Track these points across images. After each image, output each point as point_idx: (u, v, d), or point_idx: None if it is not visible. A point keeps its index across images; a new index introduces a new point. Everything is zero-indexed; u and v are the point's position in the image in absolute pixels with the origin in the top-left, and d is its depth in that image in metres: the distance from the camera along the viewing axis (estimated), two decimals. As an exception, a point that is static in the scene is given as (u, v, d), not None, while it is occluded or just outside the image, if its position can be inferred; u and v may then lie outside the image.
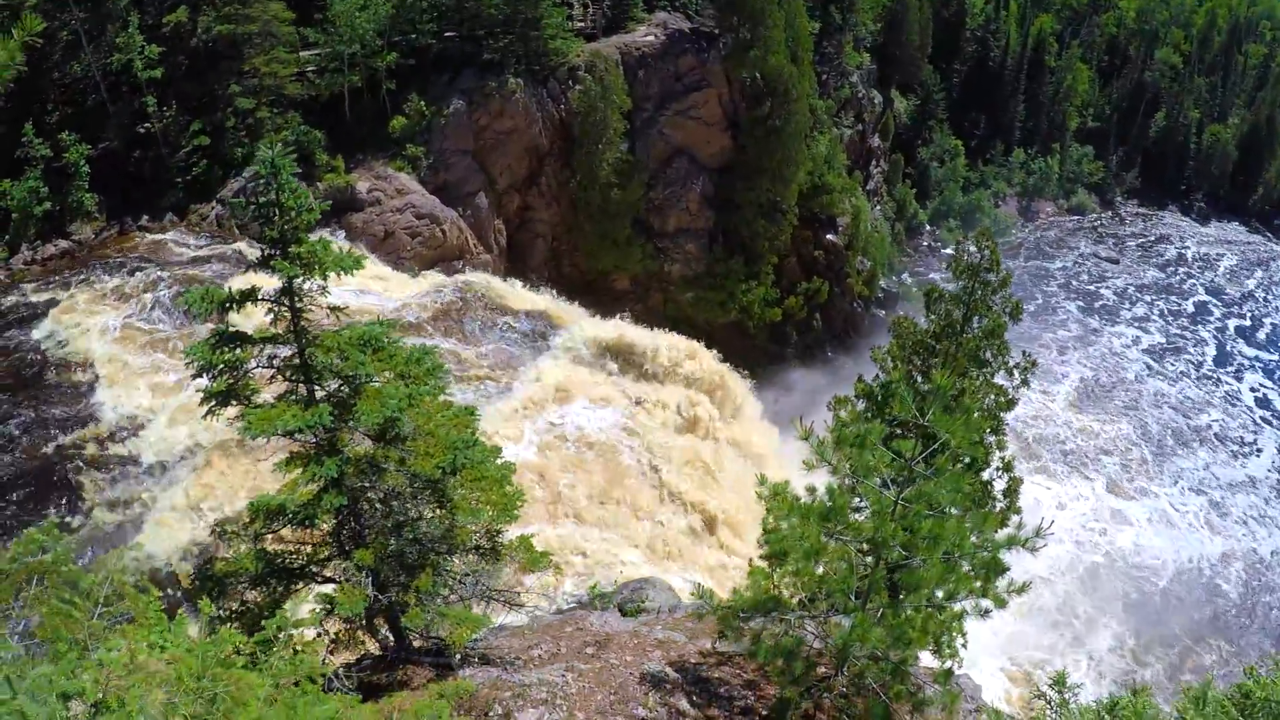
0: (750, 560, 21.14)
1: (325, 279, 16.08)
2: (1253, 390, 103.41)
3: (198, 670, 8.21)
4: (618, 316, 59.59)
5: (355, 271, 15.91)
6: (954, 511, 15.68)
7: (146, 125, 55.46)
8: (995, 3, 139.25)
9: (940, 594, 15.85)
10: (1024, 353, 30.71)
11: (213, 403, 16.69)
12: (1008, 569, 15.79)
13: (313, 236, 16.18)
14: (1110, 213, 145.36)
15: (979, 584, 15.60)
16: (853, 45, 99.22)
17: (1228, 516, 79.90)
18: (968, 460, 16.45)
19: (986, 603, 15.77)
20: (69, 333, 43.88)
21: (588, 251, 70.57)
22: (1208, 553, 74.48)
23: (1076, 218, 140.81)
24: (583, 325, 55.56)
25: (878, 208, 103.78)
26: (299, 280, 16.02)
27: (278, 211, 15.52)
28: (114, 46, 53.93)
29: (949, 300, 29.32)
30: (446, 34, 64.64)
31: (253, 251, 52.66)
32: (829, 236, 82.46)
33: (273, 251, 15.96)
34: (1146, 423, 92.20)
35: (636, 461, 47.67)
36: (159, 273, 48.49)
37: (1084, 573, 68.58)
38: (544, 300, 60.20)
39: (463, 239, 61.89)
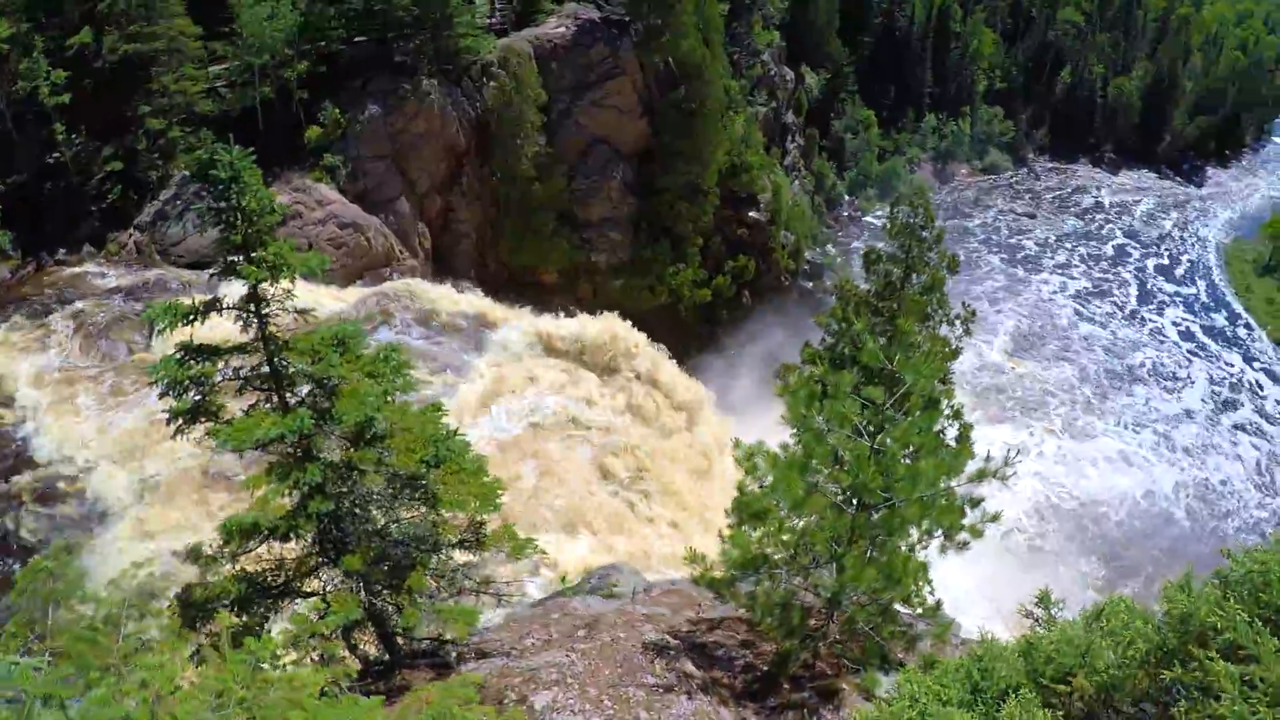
0: (720, 531, 21.17)
1: (293, 282, 15.66)
2: (1175, 324, 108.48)
3: (245, 678, 7.96)
4: (552, 312, 59.55)
5: (320, 271, 15.56)
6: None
7: (56, 154, 53.89)
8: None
9: (919, 531, 16.11)
10: (963, 303, 31.16)
11: (179, 421, 16.12)
12: (982, 500, 16.01)
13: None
14: (1024, 170, 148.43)
15: (956, 517, 15.81)
16: (761, 24, 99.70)
17: (1174, 448, 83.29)
18: (931, 400, 16.59)
19: (964, 535, 15.99)
20: (-7, 377, 42.68)
21: (513, 248, 70.16)
22: (1160, 485, 77.53)
23: (991, 177, 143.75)
24: (520, 323, 55.25)
25: (796, 182, 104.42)
26: (265, 285, 15.55)
27: (240, 216, 15.06)
28: (17, 74, 52.37)
29: (887, 260, 29.66)
30: (356, 39, 63.74)
31: (177, 274, 51.87)
32: (752, 214, 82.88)
33: (236, 257, 15.49)
34: (1084, 365, 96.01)
35: (585, 449, 47.60)
36: (81, 307, 47.31)
37: (1048, 513, 70.61)
38: (474, 300, 59.73)
39: (388, 245, 61.21)
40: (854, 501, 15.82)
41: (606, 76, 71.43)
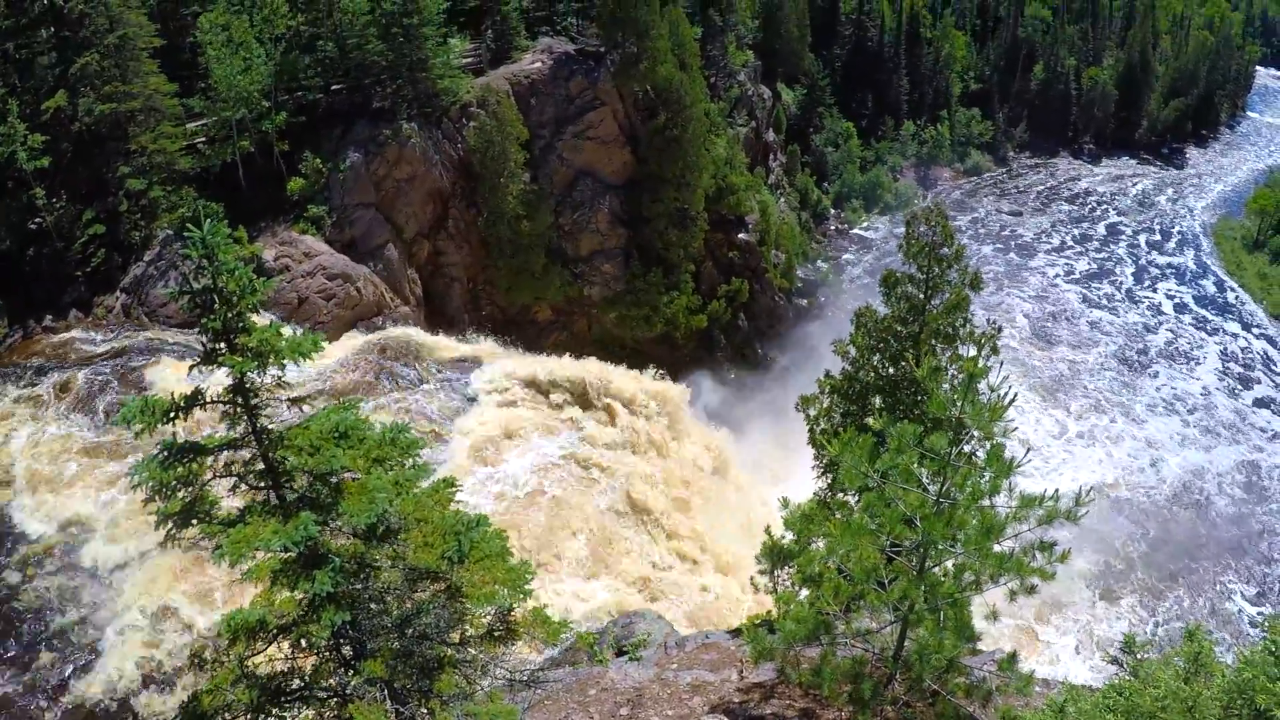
0: (751, 578, 20.28)
1: (282, 369, 14.39)
2: (1174, 302, 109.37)
3: None
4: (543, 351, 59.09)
5: (314, 352, 14.36)
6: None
7: (38, 220, 53.16)
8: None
9: (988, 581, 15.16)
10: (989, 320, 30.18)
11: (169, 525, 14.77)
12: (1054, 544, 15.13)
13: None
14: (1006, 169, 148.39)
15: (1026, 563, 14.93)
16: (735, 45, 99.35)
17: (1208, 430, 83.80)
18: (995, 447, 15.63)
19: (1032, 580, 15.08)
20: (-16, 448, 41.82)
21: (505, 287, 69.39)
22: (1209, 467, 77.96)
23: (974, 179, 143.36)
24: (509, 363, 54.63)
25: (782, 200, 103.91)
26: (253, 374, 14.27)
27: (217, 299, 13.86)
28: (-8, 140, 51.46)
29: (906, 282, 28.72)
30: (333, 87, 63.19)
31: (167, 336, 51.24)
32: (741, 236, 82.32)
33: (217, 345, 14.26)
34: (1105, 348, 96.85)
35: (591, 491, 46.93)
36: (70, 374, 46.48)
37: (1106, 502, 70.89)
38: (469, 345, 59.22)
39: (378, 294, 60.49)
40: (923, 560, 14.97)
41: (587, 108, 70.94)
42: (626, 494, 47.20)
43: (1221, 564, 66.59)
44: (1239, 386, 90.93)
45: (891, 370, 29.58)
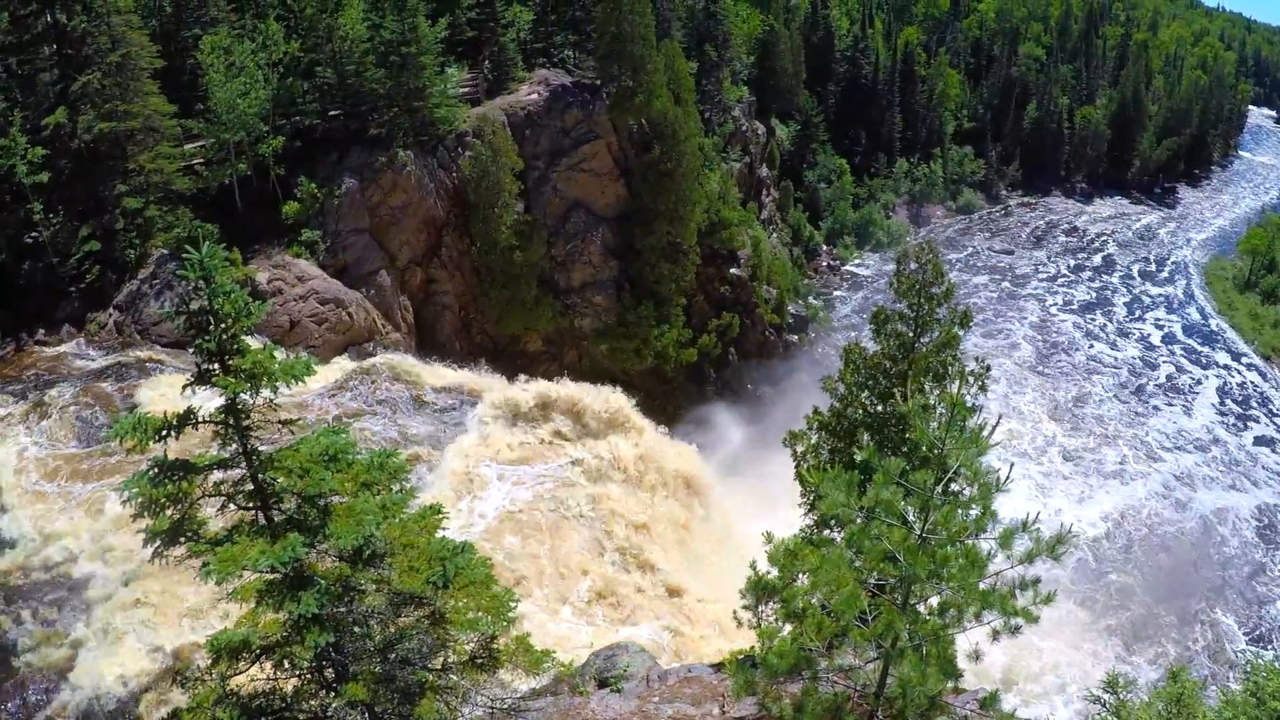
0: (734, 612, 20.32)
1: (275, 391, 14.43)
2: (1166, 341, 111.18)
3: None
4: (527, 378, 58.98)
5: (305, 375, 14.51)
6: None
7: (35, 234, 53.20)
8: (861, 22, 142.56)
9: (972, 618, 15.20)
10: (978, 359, 30.27)
11: (157, 542, 14.81)
12: (1038, 581, 15.19)
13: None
14: (999, 207, 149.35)
15: (1010, 601, 14.98)
16: (730, 80, 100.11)
17: (1214, 467, 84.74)
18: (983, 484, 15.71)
19: (1016, 620, 15.11)
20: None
21: (496, 316, 69.40)
22: (1236, 506, 78.46)
23: (966, 217, 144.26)
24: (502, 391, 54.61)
25: (774, 235, 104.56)
26: (245, 396, 14.37)
27: (212, 320, 14.00)
28: (-8, 152, 51.24)
29: (896, 319, 28.87)
30: (331, 113, 63.44)
31: (157, 355, 51.21)
32: (732, 270, 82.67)
33: (210, 366, 14.41)
34: (1108, 380, 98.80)
35: (577, 520, 46.87)
36: (60, 389, 46.39)
37: (1115, 537, 72.22)
38: (459, 373, 59.13)
39: (370, 320, 60.50)
40: (906, 596, 15.04)
41: (581, 141, 71.31)
42: (611, 521, 47.14)
43: (1228, 604, 66.54)
44: (1239, 425, 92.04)
45: (880, 407, 29.66)
